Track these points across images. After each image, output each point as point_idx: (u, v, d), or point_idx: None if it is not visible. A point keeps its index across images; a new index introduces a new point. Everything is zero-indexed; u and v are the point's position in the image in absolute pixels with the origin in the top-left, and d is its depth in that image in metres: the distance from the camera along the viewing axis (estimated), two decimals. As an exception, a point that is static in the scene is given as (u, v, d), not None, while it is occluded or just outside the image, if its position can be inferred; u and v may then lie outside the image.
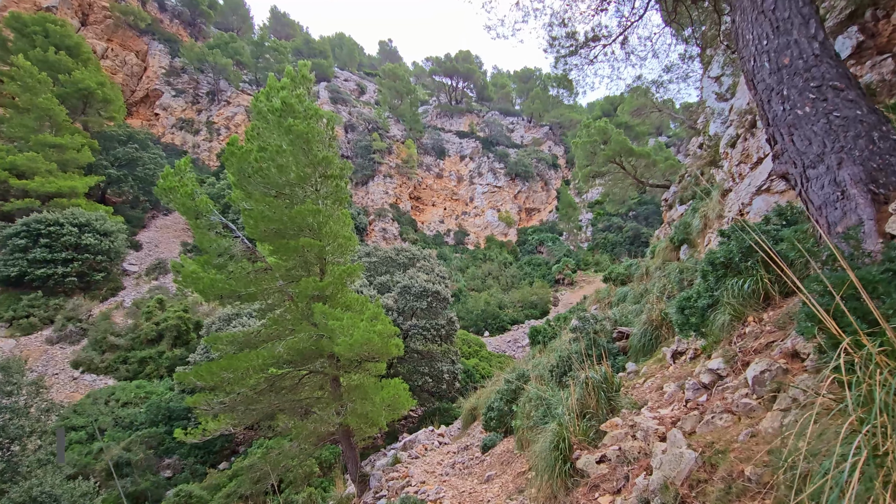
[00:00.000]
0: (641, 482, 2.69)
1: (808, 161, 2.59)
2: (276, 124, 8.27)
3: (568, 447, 3.93)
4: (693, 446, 2.24)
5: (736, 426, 2.39)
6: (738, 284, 4.00)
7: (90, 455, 14.71)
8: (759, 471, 1.73)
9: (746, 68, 3.14)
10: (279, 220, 7.98)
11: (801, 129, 2.63)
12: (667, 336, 7.46)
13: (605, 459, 3.64)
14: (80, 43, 32.60)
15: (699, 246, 10.39)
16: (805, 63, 2.69)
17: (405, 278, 17.76)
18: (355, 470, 8.42)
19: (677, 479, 2.12)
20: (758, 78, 2.97)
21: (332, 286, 8.19)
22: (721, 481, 1.87)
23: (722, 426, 2.51)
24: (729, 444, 2.10)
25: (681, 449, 2.26)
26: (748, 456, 1.87)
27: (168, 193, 8.13)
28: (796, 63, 2.70)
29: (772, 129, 2.89)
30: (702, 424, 2.66)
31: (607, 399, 4.67)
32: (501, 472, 6.77)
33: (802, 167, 2.64)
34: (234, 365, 7.10)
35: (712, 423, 2.58)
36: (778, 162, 2.97)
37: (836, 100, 2.55)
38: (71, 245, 23.63)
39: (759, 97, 2.98)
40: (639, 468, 3.04)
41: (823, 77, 2.62)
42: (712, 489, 1.88)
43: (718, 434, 2.32)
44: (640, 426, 3.31)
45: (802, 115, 2.62)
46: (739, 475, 1.80)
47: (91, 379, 19.52)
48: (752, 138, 8.33)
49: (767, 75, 2.87)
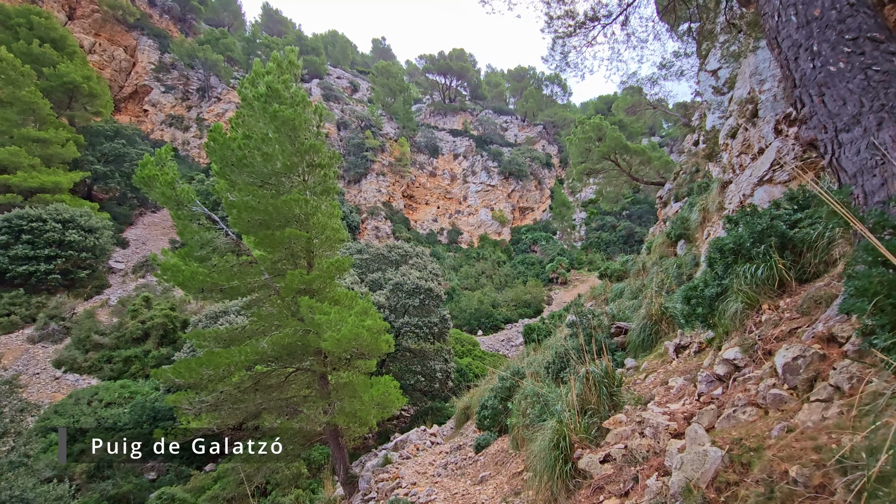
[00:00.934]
0: (654, 484, 2.40)
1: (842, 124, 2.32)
2: (261, 111, 7.92)
3: (568, 446, 3.64)
4: (718, 443, 1.96)
5: (763, 420, 2.11)
6: (750, 271, 3.73)
7: (70, 457, 14.23)
8: (806, 471, 1.45)
9: (769, 25, 2.86)
10: (264, 210, 7.63)
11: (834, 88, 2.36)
12: (667, 331, 7.22)
13: (609, 459, 3.36)
14: (65, 36, 31.89)
15: (697, 240, 10.18)
16: (839, 14, 2.42)
17: (397, 275, 17.43)
18: (344, 471, 8.09)
19: (702, 480, 1.84)
20: (783, 35, 2.70)
21: (319, 280, 7.85)
22: (758, 483, 1.59)
23: (746, 420, 2.23)
24: (761, 440, 1.83)
25: (704, 446, 1.97)
26: (790, 454, 1.59)
27: (147, 183, 7.75)
28: (828, 14, 2.43)
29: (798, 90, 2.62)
30: (722, 419, 2.38)
31: (609, 395, 4.40)
32: (496, 473, 6.48)
33: (834, 131, 2.37)
34: (215, 361, 6.74)
35: (734, 417, 2.30)
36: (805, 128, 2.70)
37: (876, 53, 2.29)
38: (54, 241, 23.01)
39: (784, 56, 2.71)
40: (649, 468, 2.75)
41: (860, 28, 2.36)
42: (747, 493, 1.60)
43: (745, 429, 2.04)
44: (649, 422, 3.02)
45: (836, 71, 2.35)
46: (782, 476, 1.52)
47: (74, 379, 18.97)
48: (754, 128, 8.12)
49: (794, 30, 2.59)
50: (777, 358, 2.22)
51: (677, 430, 2.86)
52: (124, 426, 16.16)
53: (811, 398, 1.87)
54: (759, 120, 8.00)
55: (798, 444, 1.61)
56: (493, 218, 51.17)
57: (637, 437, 3.13)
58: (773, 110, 7.75)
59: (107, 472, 13.62)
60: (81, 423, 15.99)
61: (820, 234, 3.54)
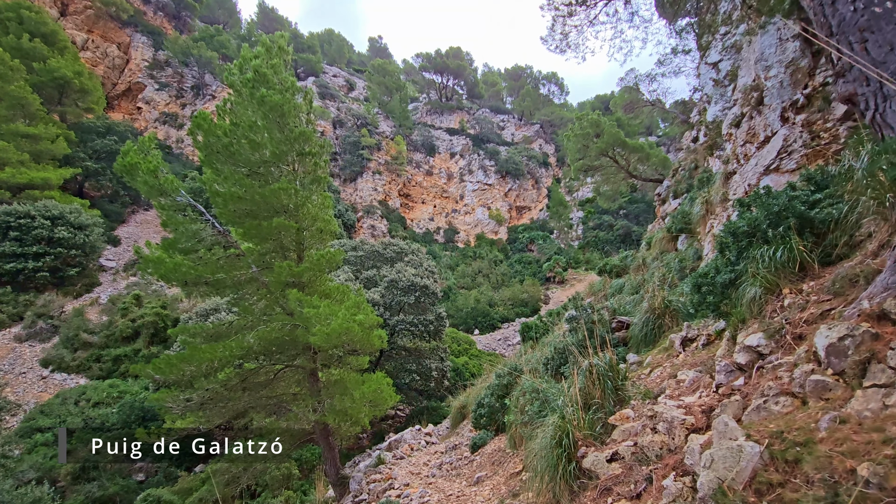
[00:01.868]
0: (673, 485, 2.11)
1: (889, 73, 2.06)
2: (249, 97, 7.61)
3: (572, 444, 3.35)
4: (753, 437, 1.67)
5: (802, 411, 1.83)
6: (768, 254, 3.45)
7: (55, 458, 13.84)
8: (881, 470, 1.17)
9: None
10: (251, 200, 7.31)
11: (880, 33, 2.08)
12: (671, 325, 6.96)
13: (617, 457, 3.06)
14: (56, 31, 31.41)
15: (700, 234, 9.92)
16: (886, -55, 2.16)
17: (392, 272, 17.12)
18: (334, 472, 7.77)
19: (737, 480, 1.55)
20: (816, -26, 2.42)
21: (309, 273, 7.53)
22: (813, 484, 1.30)
23: (780, 412, 1.94)
24: (808, 433, 1.55)
25: (736, 441, 1.69)
26: (852, 449, 1.31)
27: (129, 171, 7.42)
28: (874, -55, 2.17)
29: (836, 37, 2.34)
30: (750, 411, 2.09)
31: (614, 389, 4.11)
32: (492, 473, 6.19)
33: (878, 83, 2.11)
34: (198, 357, 6.41)
35: (765, 408, 2.01)
36: (843, 82, 2.43)
37: (930, -11, 2.03)
38: (43, 238, 22.56)
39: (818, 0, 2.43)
40: (664, 467, 2.46)
41: (912, -39, 2.10)
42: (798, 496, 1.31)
43: (783, 421, 1.76)
44: (663, 417, 2.73)
45: (882, 12, 2.07)
46: (847, 476, 1.24)
47: (61, 378, 18.56)
48: (759, 116, 7.86)
49: (831, -32, 2.33)
50: (817, 340, 1.94)
51: (695, 424, 2.58)
52: (112, 426, 15.76)
53: (865, 384, 1.59)
54: (764, 107, 7.75)
55: (860, 438, 1.33)
56: (489, 217, 50.91)
57: (648, 433, 2.85)
58: (779, 97, 7.50)
59: (92, 473, 13.24)
60: (68, 423, 15.58)
61: (845, 213, 3.27)
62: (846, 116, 6.64)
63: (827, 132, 6.76)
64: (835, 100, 6.81)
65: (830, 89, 7.03)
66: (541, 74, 63.52)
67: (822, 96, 7.06)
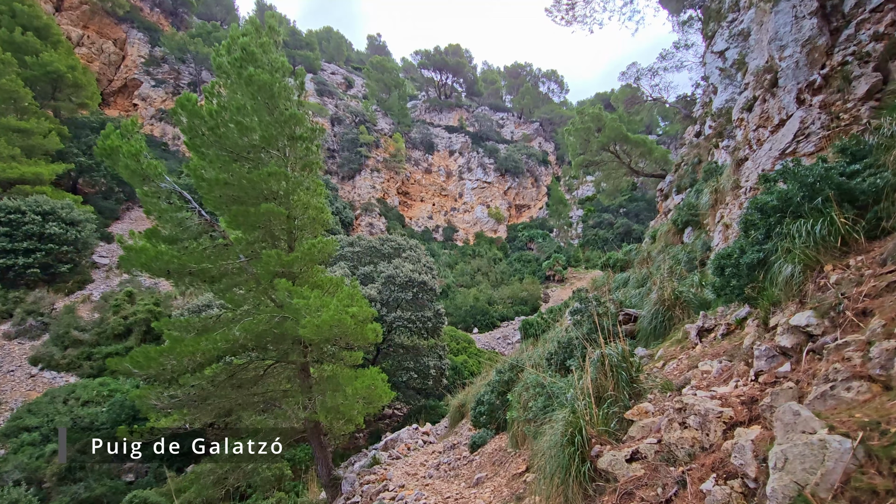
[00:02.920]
0: (718, 491, 1.74)
1: None
2: (236, 77, 7.22)
3: (585, 441, 2.97)
4: (839, 430, 1.30)
5: (889, 397, 1.45)
6: (805, 228, 3.08)
7: (42, 458, 13.42)
8: None
9: None
10: (238, 185, 6.92)
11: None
12: (681, 317, 6.59)
13: (638, 457, 2.68)
14: (49, 24, 30.95)
15: (708, 225, 9.55)
16: None
17: (389, 268, 16.73)
18: (326, 473, 7.38)
19: (824, 485, 1.18)
20: None
21: (300, 262, 7.15)
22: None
23: (855, 399, 1.57)
24: (917, 423, 1.18)
25: (816, 435, 1.31)
26: None
27: (109, 154, 7.03)
28: None
29: None
30: (813, 400, 1.71)
31: (629, 381, 3.73)
32: (493, 474, 5.81)
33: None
34: (179, 350, 6.01)
35: (834, 396, 1.64)
36: None
37: None
38: (34, 234, 22.12)
39: None
40: (700, 468, 2.08)
41: None
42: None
43: (869, 411, 1.38)
44: (694, 409, 2.35)
45: None
46: None
47: (51, 376, 18.13)
48: (773, 99, 7.49)
49: None
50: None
51: (734, 418, 2.20)
52: (102, 425, 15.35)
53: None
54: (778, 90, 7.37)
55: None
56: (489, 215, 50.53)
57: (676, 428, 2.47)
58: (794, 78, 7.13)
59: (79, 474, 12.83)
60: (56, 422, 15.16)
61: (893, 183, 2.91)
62: (868, 96, 6.27)
63: (847, 113, 6.39)
64: (856, 79, 6.45)
65: (851, 68, 6.68)
66: (540, 72, 63.21)
67: (842, 75, 6.69)
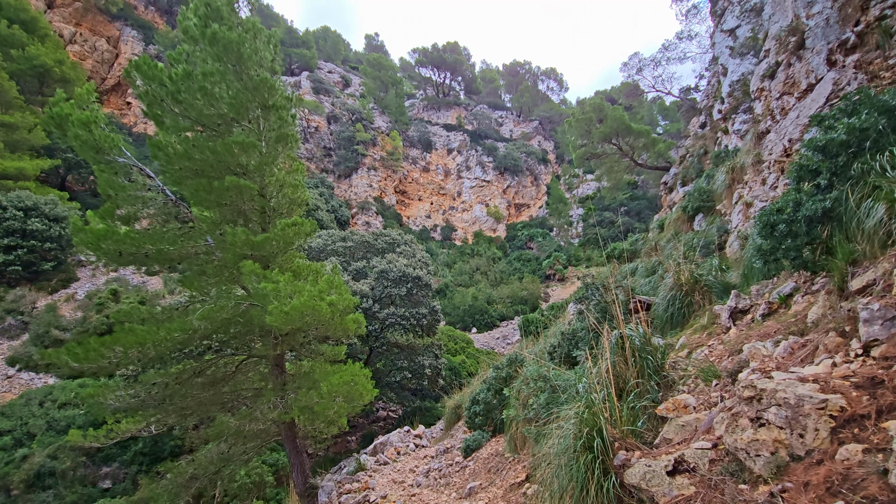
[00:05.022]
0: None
1: None
2: (200, 36, 6.46)
3: (606, 446, 2.19)
4: None
5: None
6: None
7: (11, 464, 12.61)
8: None
9: None
10: (201, 157, 6.14)
11: None
12: (701, 302, 5.82)
13: (684, 468, 1.90)
14: (37, 18, 30.24)
15: (724, 209, 8.78)
16: None
17: (382, 262, 15.95)
18: (302, 480, 6.59)
19: None
20: None
21: (271, 244, 6.37)
22: None
23: None
24: None
25: None
26: None
27: (58, 123, 6.26)
28: None
29: None
30: None
31: (655, 369, 2.95)
32: (488, 483, 5.02)
33: None
34: (124, 340, 5.22)
35: None
36: None
37: None
38: (15, 230, 21.34)
39: None
40: (804, 488, 1.30)
41: None
42: None
43: None
44: (777, 398, 1.57)
45: None
46: None
47: (28, 377, 17.32)
48: (799, 63, 6.74)
49: None
50: None
51: (848, 409, 1.42)
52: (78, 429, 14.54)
53: None
54: (805, 52, 6.63)
55: None
56: (487, 214, 49.77)
57: (746, 426, 1.69)
58: (824, 38, 6.38)
59: (48, 480, 12.00)
60: (30, 425, 14.35)
61: None
62: (913, 50, 5.52)
63: (889, 70, 5.65)
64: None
65: (891, 22, 5.94)
66: (539, 70, 62.57)
67: (881, 31, 5.95)
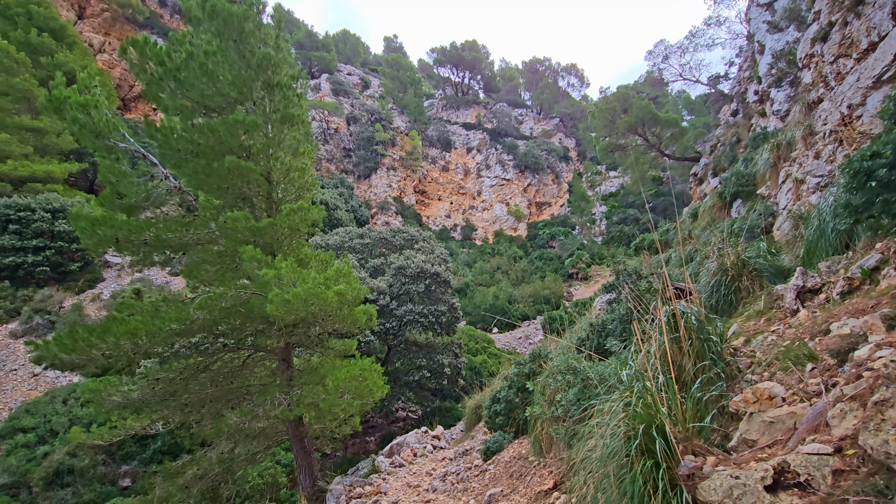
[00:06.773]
0: None
1: None
2: (199, 10, 6.12)
3: (668, 448, 1.64)
4: None
5: None
6: None
7: (33, 461, 12.66)
8: None
9: None
10: (201, 137, 5.78)
11: None
12: (751, 287, 5.18)
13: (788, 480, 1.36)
14: (65, 26, 31.12)
15: (767, 190, 8.01)
16: None
17: (400, 259, 15.54)
18: (310, 483, 6.18)
19: None
20: None
21: (276, 231, 5.97)
22: None
23: None
24: None
25: None
26: None
27: (57, 107, 6.01)
28: None
29: None
30: None
31: (719, 356, 2.37)
32: (510, 490, 4.47)
33: None
34: (116, 329, 4.89)
35: None
36: None
37: None
38: (43, 232, 21.81)
39: None
40: None
41: None
42: None
43: None
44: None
45: None
46: None
47: (54, 376, 17.54)
48: (857, 20, 5.98)
49: None
50: None
51: None
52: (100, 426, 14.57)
53: None
54: (865, 7, 5.88)
55: None
56: (508, 213, 49.02)
57: None
58: (889, -11, 5.63)
59: (67, 478, 11.97)
60: (53, 423, 14.46)
61: None
62: None
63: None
64: None
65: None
66: (560, 66, 61.51)
67: (959, -26, 5.19)
